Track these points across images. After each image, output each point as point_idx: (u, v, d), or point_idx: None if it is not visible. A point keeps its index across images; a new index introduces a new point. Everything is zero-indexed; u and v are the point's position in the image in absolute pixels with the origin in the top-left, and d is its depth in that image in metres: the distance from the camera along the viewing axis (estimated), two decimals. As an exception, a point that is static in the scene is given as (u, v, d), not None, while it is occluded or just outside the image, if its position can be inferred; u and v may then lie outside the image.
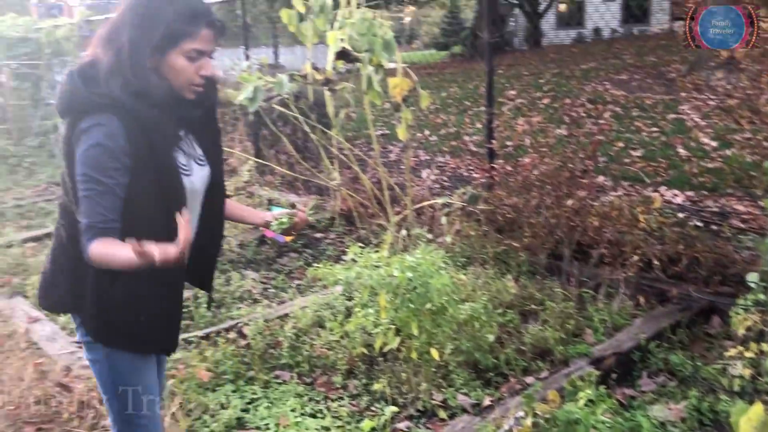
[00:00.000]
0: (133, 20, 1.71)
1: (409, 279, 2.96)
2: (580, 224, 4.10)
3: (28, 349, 3.87)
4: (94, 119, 1.68)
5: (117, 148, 1.68)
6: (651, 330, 3.53)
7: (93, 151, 1.67)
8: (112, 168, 1.68)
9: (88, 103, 1.70)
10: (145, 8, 1.72)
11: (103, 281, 1.80)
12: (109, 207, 1.69)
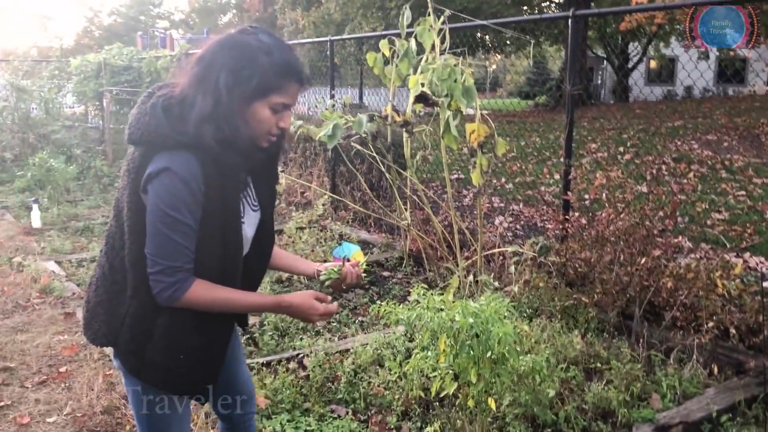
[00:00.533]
0: (229, 65, 1.67)
1: (471, 325, 2.93)
2: (653, 284, 3.96)
3: (100, 359, 4.04)
4: (174, 157, 1.65)
5: (196, 189, 1.67)
6: (724, 402, 3.35)
7: (173, 187, 1.64)
8: (192, 207, 1.67)
9: (169, 140, 1.66)
10: (243, 55, 1.68)
11: (143, 319, 1.77)
12: (190, 247, 1.70)
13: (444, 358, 3.12)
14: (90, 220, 7.82)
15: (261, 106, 1.71)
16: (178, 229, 1.66)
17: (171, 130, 1.65)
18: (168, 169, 1.64)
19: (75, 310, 4.87)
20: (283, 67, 1.71)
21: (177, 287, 1.69)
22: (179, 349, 1.80)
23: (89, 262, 6.09)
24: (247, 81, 1.66)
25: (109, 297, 1.82)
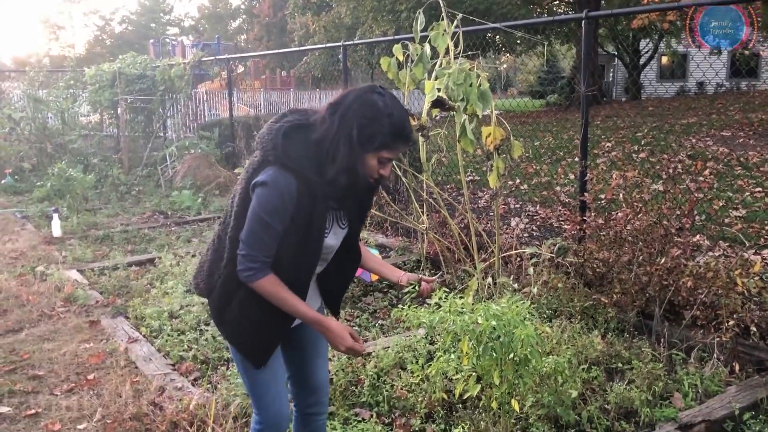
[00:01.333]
0: (359, 122, 1.99)
1: (493, 327, 2.96)
2: (672, 283, 3.98)
3: (126, 367, 4.11)
4: (280, 175, 2.00)
5: (289, 204, 2.02)
6: (746, 400, 3.37)
7: (272, 199, 2.01)
8: (282, 218, 2.03)
9: (279, 161, 2.01)
10: (371, 114, 2.00)
11: (228, 287, 2.18)
12: (273, 246, 2.06)
13: (467, 361, 3.16)
14: (109, 229, 7.92)
15: (371, 157, 2.05)
16: (267, 230, 2.03)
17: (284, 154, 2.01)
18: (273, 183, 2.00)
19: (99, 318, 4.95)
20: (398, 130, 2.04)
21: (254, 272, 2.06)
22: (246, 319, 2.19)
23: (111, 270, 6.18)
24: (370, 141, 2.01)
25: (213, 260, 2.23)
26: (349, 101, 2.03)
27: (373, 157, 2.04)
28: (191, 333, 4.51)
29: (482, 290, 4.58)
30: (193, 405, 3.37)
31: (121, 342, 4.46)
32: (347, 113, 2.01)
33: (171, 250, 6.68)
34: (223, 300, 2.21)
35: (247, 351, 2.26)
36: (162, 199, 9.71)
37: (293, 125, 2.06)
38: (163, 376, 3.92)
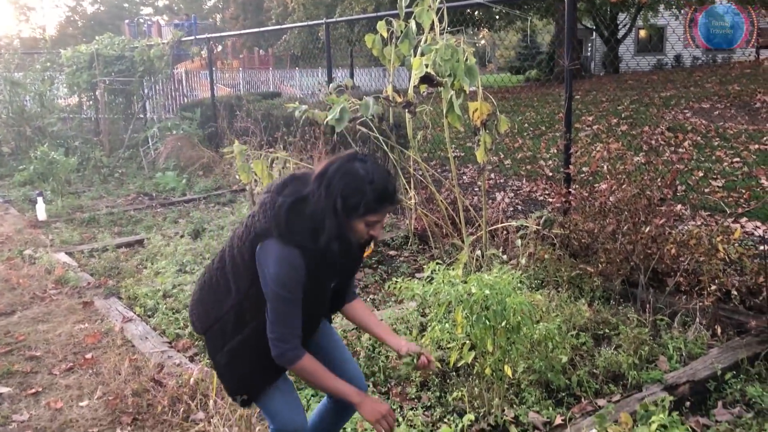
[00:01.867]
0: (343, 192, 2.09)
1: (486, 296, 3.06)
2: (656, 252, 4.10)
3: (123, 346, 4.16)
4: (286, 250, 2.12)
5: (301, 275, 2.14)
6: (728, 361, 3.51)
7: (285, 274, 2.12)
8: (298, 288, 2.15)
9: (284, 237, 2.12)
10: (353, 183, 2.10)
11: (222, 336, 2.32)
12: (298, 318, 2.19)
13: (461, 329, 3.26)
14: (95, 211, 7.90)
15: (359, 222, 2.15)
16: (289, 304, 2.16)
17: (288, 230, 2.12)
18: (283, 260, 2.11)
19: (92, 300, 4.98)
20: (381, 195, 2.12)
21: (291, 353, 2.18)
22: (236, 367, 2.33)
23: (100, 252, 6.19)
24: (355, 209, 2.10)
25: (211, 302, 2.34)
26: (332, 172, 2.12)
27: (361, 222, 2.15)
28: (186, 311, 4.57)
29: (471, 263, 4.67)
30: (193, 380, 3.44)
31: (115, 322, 4.51)
32: (331, 184, 2.11)
33: (159, 231, 6.70)
34: (217, 343, 2.34)
35: (237, 390, 2.37)
36: (146, 181, 9.68)
37: (295, 200, 2.15)
38: (160, 353, 3.98)
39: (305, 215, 2.13)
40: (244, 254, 2.20)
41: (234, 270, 2.26)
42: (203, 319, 2.37)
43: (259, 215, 2.18)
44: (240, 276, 2.24)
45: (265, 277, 2.15)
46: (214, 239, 6.22)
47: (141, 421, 3.30)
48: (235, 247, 2.25)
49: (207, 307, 2.35)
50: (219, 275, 2.32)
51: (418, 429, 3.12)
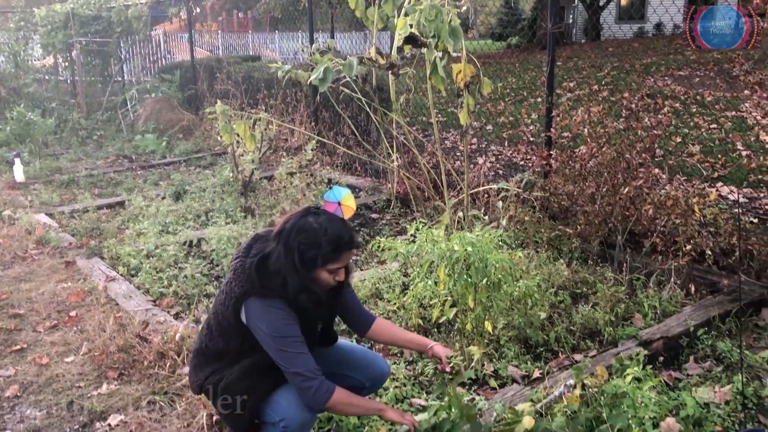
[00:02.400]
0: (300, 249, 2.22)
1: (469, 254, 3.12)
2: (634, 213, 4.19)
3: (107, 304, 4.18)
4: (269, 302, 2.25)
5: (292, 316, 2.27)
6: (700, 318, 3.62)
7: (276, 320, 2.24)
8: (294, 327, 2.26)
9: (261, 292, 2.25)
10: (308, 239, 2.23)
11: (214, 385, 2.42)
12: (309, 354, 2.28)
13: (443, 286, 3.32)
14: (74, 173, 7.83)
15: (321, 272, 2.27)
16: (294, 344, 2.25)
17: (262, 286, 2.25)
18: (267, 311, 2.24)
19: (74, 259, 4.98)
20: (336, 245, 2.24)
21: (323, 389, 2.25)
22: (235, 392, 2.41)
23: (81, 213, 6.16)
24: (313, 261, 2.23)
25: (205, 367, 2.46)
26: (288, 229, 2.25)
27: (322, 271, 2.27)
28: (170, 270, 4.59)
29: (453, 225, 4.73)
30: (178, 335, 3.48)
31: (99, 281, 4.52)
32: (288, 242, 2.24)
33: (140, 193, 6.66)
34: (212, 393, 2.43)
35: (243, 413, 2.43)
36: (125, 144, 9.58)
37: (260, 259, 2.27)
38: (144, 311, 4.00)
39: (272, 271, 2.25)
40: (229, 318, 2.33)
41: (222, 333, 2.39)
42: (199, 380, 2.48)
43: (234, 281, 2.30)
44: (231, 337, 2.37)
45: (263, 337, 2.26)
46: (195, 201, 6.21)
47: (127, 376, 3.35)
48: (220, 314, 2.37)
49: (200, 370, 2.48)
50: (208, 341, 2.45)
51: (400, 382, 3.20)
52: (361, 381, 2.65)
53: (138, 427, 2.90)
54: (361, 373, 2.65)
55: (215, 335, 2.42)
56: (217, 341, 2.41)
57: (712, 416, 2.85)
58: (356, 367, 2.64)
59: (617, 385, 2.72)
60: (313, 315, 2.41)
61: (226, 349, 2.41)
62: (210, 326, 2.45)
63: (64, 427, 2.97)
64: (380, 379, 2.71)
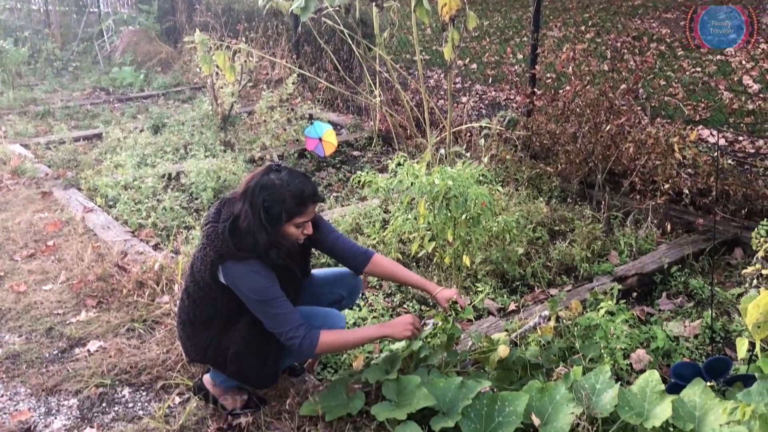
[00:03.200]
0: (264, 205, 2.26)
1: (449, 187, 3.12)
2: (614, 152, 4.20)
3: (85, 234, 4.15)
4: (247, 264, 2.28)
5: (271, 275, 2.31)
6: (674, 256, 3.68)
7: (256, 282, 2.28)
8: (275, 286, 2.31)
9: (238, 255, 2.27)
10: (271, 195, 2.27)
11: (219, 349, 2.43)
12: (292, 309, 2.33)
13: (423, 220, 3.33)
14: (49, 105, 7.64)
15: (288, 226, 2.32)
16: (275, 303, 2.30)
17: (238, 249, 2.28)
18: (246, 273, 2.27)
19: (51, 190, 4.91)
20: (300, 199, 2.29)
21: (307, 341, 2.30)
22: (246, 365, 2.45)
23: (57, 144, 6.05)
24: (278, 217, 2.28)
25: (196, 335, 2.46)
26: (252, 188, 2.30)
27: (289, 226, 2.32)
28: (148, 202, 4.55)
29: (435, 161, 4.72)
30: (158, 265, 3.47)
31: (76, 212, 4.47)
32: (252, 200, 2.28)
33: (118, 126, 6.54)
34: (219, 360, 2.44)
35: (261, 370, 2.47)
36: (102, 76, 9.34)
37: (231, 222, 2.31)
38: (123, 242, 3.98)
39: (244, 232, 2.29)
40: (209, 283, 2.36)
41: (205, 299, 2.40)
42: (197, 350, 2.48)
43: (209, 246, 2.33)
44: (215, 300, 2.39)
45: (247, 300, 2.32)
46: (174, 134, 6.12)
47: (106, 304, 3.35)
48: (199, 280, 2.39)
49: (193, 341, 2.47)
50: (192, 309, 2.45)
51: (378, 312, 3.24)
52: (340, 294, 2.72)
53: (117, 353, 2.92)
54: (338, 286, 2.71)
55: (199, 303, 2.43)
56: (202, 309, 2.43)
57: (681, 348, 2.93)
58: (333, 282, 2.70)
59: (591, 318, 2.79)
60: (290, 268, 2.44)
61: (214, 314, 2.42)
62: (190, 296, 2.46)
63: (43, 352, 2.98)
64: (355, 288, 2.77)
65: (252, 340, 2.41)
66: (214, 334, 2.43)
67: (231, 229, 2.30)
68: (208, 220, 2.40)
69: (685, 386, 2.18)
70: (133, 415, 2.57)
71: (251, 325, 2.40)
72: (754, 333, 1.61)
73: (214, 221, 2.37)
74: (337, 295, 2.72)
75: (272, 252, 2.31)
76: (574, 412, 2.12)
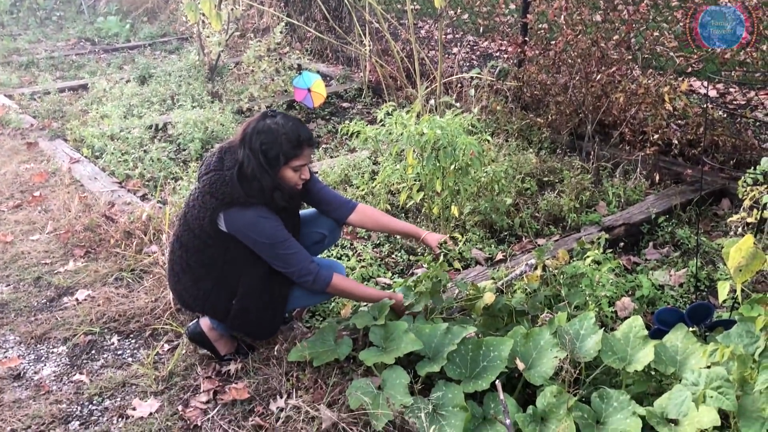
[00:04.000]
0: (262, 149, 2.32)
1: (438, 137, 3.10)
2: (605, 103, 4.17)
3: (72, 185, 4.12)
4: (254, 210, 2.33)
5: (277, 220, 2.36)
6: (662, 206, 3.69)
7: (264, 226, 2.32)
8: (283, 229, 2.36)
9: (245, 201, 2.32)
10: (268, 139, 2.33)
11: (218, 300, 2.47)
12: (302, 249, 2.40)
13: (411, 170, 3.32)
14: (33, 55, 7.50)
15: (286, 170, 2.37)
16: (288, 245, 2.36)
17: (245, 196, 2.32)
18: (255, 218, 2.32)
19: (36, 141, 4.85)
20: (295, 141, 2.34)
21: (320, 277, 2.38)
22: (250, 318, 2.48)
23: (42, 95, 5.96)
24: (276, 159, 2.33)
25: (191, 286, 2.46)
26: (249, 134, 2.35)
27: (287, 170, 2.36)
28: (135, 153, 4.51)
29: (425, 112, 4.68)
30: (145, 215, 3.46)
31: (62, 162, 4.43)
32: (251, 145, 2.33)
33: (104, 76, 6.43)
34: (219, 312, 2.47)
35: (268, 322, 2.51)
36: (87, 26, 9.15)
37: (238, 169, 2.34)
38: (110, 192, 3.96)
39: (250, 177, 2.33)
40: (208, 231, 2.38)
41: (200, 247, 2.41)
42: (195, 301, 2.49)
43: (211, 194, 2.35)
44: (212, 248, 2.40)
45: (258, 246, 2.35)
46: (161, 85, 6.03)
47: (94, 254, 3.35)
48: (195, 228, 2.40)
49: (191, 292, 2.48)
50: (187, 259, 2.46)
51: (367, 263, 3.25)
52: (321, 233, 2.75)
53: (106, 302, 2.93)
54: (318, 226, 2.74)
55: (193, 252, 2.44)
56: (197, 257, 2.44)
57: (666, 297, 2.96)
58: (313, 222, 2.73)
59: (577, 267, 2.81)
60: (291, 210, 2.48)
61: (210, 261, 2.43)
62: (183, 245, 2.46)
63: (32, 301, 2.99)
64: (335, 226, 2.79)
65: (260, 295, 2.44)
66: (211, 285, 2.45)
67: (238, 175, 2.34)
68: (209, 169, 2.40)
69: (668, 332, 2.21)
70: (122, 362, 2.60)
71: (258, 280, 2.43)
72: (735, 277, 1.62)
73: (218, 169, 2.38)
74: (319, 235, 2.75)
75: (276, 194, 2.36)
76: (557, 357, 2.15)
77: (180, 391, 2.41)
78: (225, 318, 2.48)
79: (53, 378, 2.51)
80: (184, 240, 2.45)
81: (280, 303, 2.50)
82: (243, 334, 2.56)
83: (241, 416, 2.27)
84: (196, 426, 2.24)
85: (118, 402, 2.38)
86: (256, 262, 2.41)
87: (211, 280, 2.45)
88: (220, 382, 2.43)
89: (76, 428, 2.26)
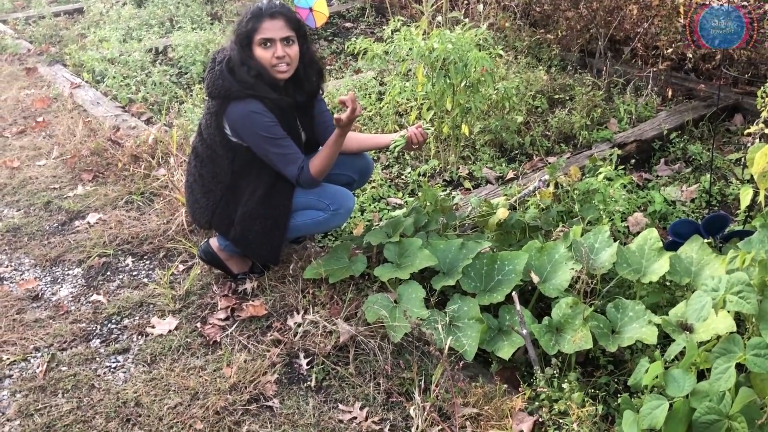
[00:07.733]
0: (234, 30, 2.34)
1: (448, 52, 3.02)
2: (617, 17, 4.06)
3: (74, 110, 4.06)
4: (247, 104, 2.28)
5: (271, 117, 2.30)
6: (674, 122, 3.64)
7: (259, 121, 2.28)
8: (277, 128, 2.31)
9: (237, 92, 2.28)
10: (237, 20, 2.37)
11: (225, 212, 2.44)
12: (294, 147, 2.35)
13: (421, 88, 3.26)
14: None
15: (256, 49, 2.30)
16: (281, 142, 2.32)
17: (239, 86, 2.28)
18: (249, 113, 2.28)
19: (35, 66, 4.76)
20: (254, 13, 2.29)
21: (305, 170, 2.33)
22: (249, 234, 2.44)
23: (37, 19, 5.80)
24: (243, 35, 2.29)
25: (202, 197, 2.46)
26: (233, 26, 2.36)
27: (258, 48, 2.28)
28: (137, 76, 4.43)
29: (432, 29, 4.56)
30: (152, 138, 3.42)
31: (63, 88, 4.35)
32: (232, 33, 2.36)
33: None
34: (224, 223, 2.44)
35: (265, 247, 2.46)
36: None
37: (226, 61, 2.31)
38: (114, 117, 3.90)
39: (237, 65, 2.30)
40: (217, 138, 2.37)
41: (211, 157, 2.40)
42: (203, 213, 2.47)
43: (210, 97, 2.36)
44: (221, 157, 2.38)
45: (253, 142, 2.32)
46: (159, 7, 5.86)
47: (102, 178, 3.33)
48: (207, 136, 2.39)
49: (201, 203, 2.46)
50: (200, 168, 2.45)
51: (377, 183, 3.23)
52: (350, 175, 2.66)
53: (117, 225, 2.93)
54: (349, 168, 2.64)
55: (206, 161, 2.43)
56: (209, 167, 2.42)
57: (678, 212, 2.96)
58: (344, 164, 2.61)
59: (589, 183, 2.79)
60: (287, 113, 2.38)
61: (219, 171, 2.41)
62: (198, 155, 2.46)
63: (44, 225, 2.99)
64: (366, 169, 2.72)
65: (262, 202, 2.40)
66: (219, 196, 2.43)
67: (227, 65, 2.33)
68: (206, 71, 2.41)
69: (683, 244, 2.21)
70: (138, 282, 2.62)
71: (262, 189, 2.40)
72: (759, 182, 1.61)
73: (211, 68, 2.38)
74: (347, 177, 2.65)
75: (258, 82, 2.29)
76: (573, 268, 2.16)
77: (197, 309, 2.44)
78: (230, 232, 2.45)
79: (71, 299, 2.54)
80: (198, 150, 2.46)
81: (281, 215, 2.44)
82: (244, 248, 2.50)
83: (260, 332, 2.30)
84: (215, 342, 2.27)
85: (136, 320, 2.41)
86: (261, 172, 2.39)
87: (220, 191, 2.43)
88: (237, 300, 2.45)
89: (97, 346, 2.30)
